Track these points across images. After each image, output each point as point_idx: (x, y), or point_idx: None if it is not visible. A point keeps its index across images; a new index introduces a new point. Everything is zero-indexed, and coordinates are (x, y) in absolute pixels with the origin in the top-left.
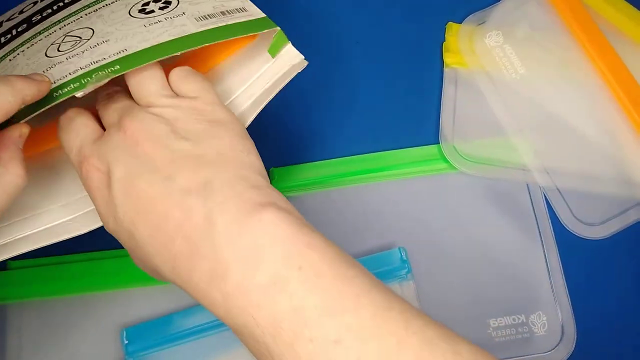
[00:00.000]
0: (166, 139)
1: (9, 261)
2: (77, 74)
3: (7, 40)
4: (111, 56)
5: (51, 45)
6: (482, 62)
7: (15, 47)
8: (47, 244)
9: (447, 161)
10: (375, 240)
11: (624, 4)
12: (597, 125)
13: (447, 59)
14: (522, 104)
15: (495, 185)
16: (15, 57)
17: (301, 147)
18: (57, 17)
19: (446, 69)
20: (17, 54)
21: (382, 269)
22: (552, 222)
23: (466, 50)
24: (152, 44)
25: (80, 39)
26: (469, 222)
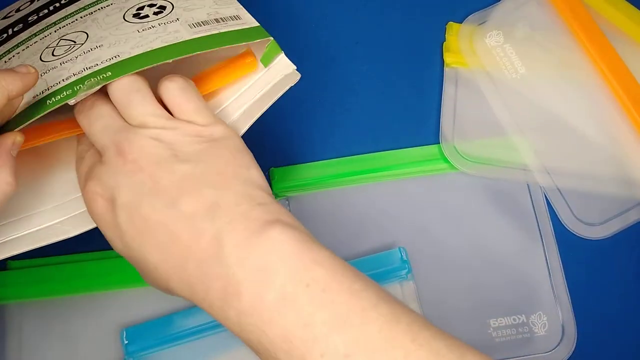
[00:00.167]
0: (167, 163)
1: (9, 261)
2: (69, 81)
3: (2, 40)
4: (104, 62)
5: (46, 48)
6: (483, 62)
7: (10, 48)
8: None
9: (447, 161)
10: (375, 240)
11: (624, 3)
12: (598, 125)
13: (448, 58)
14: (522, 104)
15: (495, 185)
16: (10, 59)
17: (301, 147)
18: (53, 18)
19: (446, 69)
20: (13, 56)
21: (382, 269)
22: (553, 222)
23: (466, 50)
24: (145, 50)
25: (74, 43)
26: (469, 222)
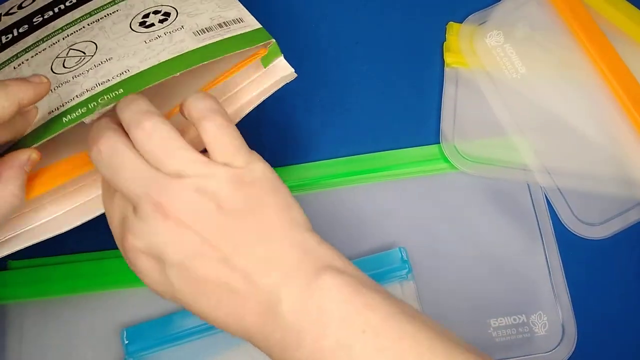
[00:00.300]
0: (214, 218)
1: (9, 261)
2: (83, 97)
3: (7, 40)
4: (114, 77)
5: (56, 58)
6: (483, 62)
7: (18, 52)
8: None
9: (447, 161)
10: (375, 240)
11: (624, 3)
12: (598, 125)
13: (448, 58)
14: (522, 104)
15: (496, 185)
16: (19, 66)
17: (301, 147)
18: (59, 23)
19: (447, 69)
20: (22, 63)
21: (382, 269)
22: (553, 221)
23: (467, 50)
24: (153, 64)
25: (84, 54)
26: (469, 222)
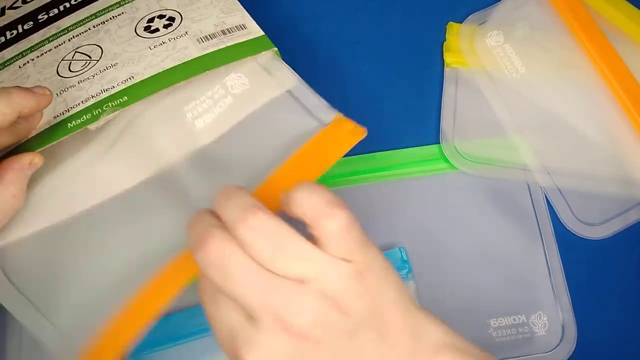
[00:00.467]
0: (340, 328)
1: None
2: (88, 103)
3: (12, 37)
4: (119, 84)
5: (62, 61)
6: (483, 62)
7: (23, 50)
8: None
9: (447, 161)
10: (375, 240)
11: (624, 3)
12: (598, 125)
13: (448, 58)
14: (522, 104)
15: (495, 185)
16: (25, 65)
17: None
18: (65, 23)
19: (447, 69)
20: (27, 62)
21: None
22: (553, 222)
23: (467, 50)
24: (157, 71)
25: (90, 58)
26: (469, 222)
